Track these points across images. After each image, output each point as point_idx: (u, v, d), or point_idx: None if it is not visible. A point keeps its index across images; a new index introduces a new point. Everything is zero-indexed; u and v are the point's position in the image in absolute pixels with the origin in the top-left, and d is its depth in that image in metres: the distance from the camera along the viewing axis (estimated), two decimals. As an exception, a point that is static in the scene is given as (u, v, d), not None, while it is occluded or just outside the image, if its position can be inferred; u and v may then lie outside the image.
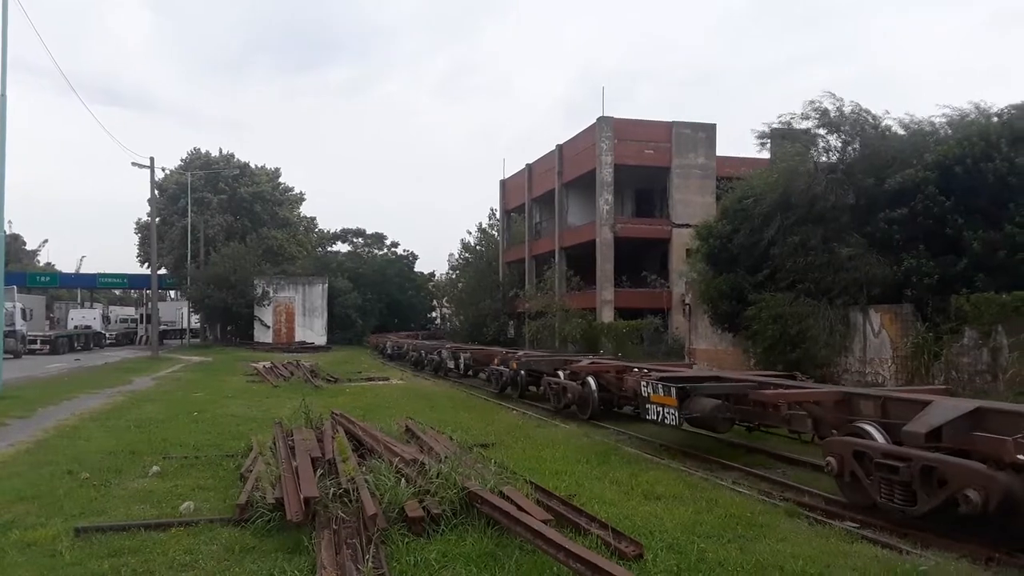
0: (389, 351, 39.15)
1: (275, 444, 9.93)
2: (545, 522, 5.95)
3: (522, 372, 18.74)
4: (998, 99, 20.21)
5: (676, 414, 10.30)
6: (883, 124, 19.14)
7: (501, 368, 19.59)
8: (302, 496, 6.60)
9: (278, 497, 6.86)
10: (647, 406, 11.01)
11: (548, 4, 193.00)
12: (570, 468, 9.47)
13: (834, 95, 19.50)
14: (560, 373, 16.09)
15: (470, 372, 24.46)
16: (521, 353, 21.02)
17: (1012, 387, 13.87)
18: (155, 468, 9.23)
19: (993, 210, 15.72)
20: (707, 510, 7.48)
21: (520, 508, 6.26)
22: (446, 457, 7.95)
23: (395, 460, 7.94)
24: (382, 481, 6.99)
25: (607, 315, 33.58)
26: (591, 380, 14.58)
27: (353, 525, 6.32)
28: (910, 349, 16.71)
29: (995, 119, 16.85)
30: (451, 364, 25.82)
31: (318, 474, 7.43)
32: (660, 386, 10.71)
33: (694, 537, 6.51)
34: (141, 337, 58.52)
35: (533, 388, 18.77)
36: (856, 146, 19.23)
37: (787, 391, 9.63)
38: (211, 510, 7.31)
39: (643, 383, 11.22)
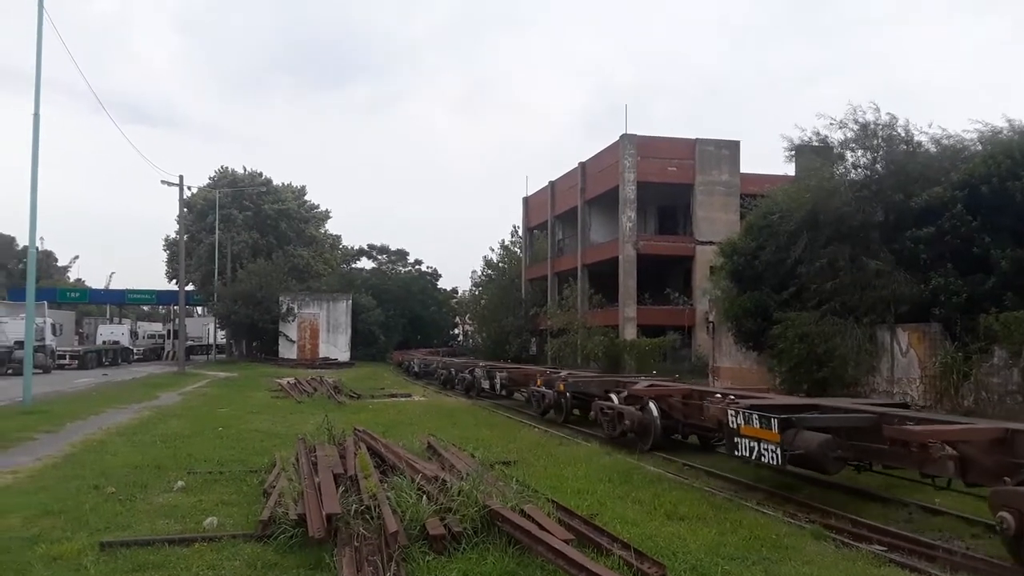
0: (416, 369, 37.83)
1: (298, 460, 9.98)
2: (567, 541, 5.91)
3: (568, 394, 17.08)
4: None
5: (777, 451, 8.59)
6: (915, 139, 18.93)
7: (543, 390, 18.19)
8: (324, 512, 6.62)
9: (300, 513, 6.89)
10: (736, 439, 9.41)
11: (566, 20, 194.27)
12: (592, 487, 9.41)
13: (875, 105, 19.30)
14: (613, 396, 14.47)
15: (504, 392, 23.07)
16: (566, 373, 19.28)
17: (1043, 408, 13.58)
18: (180, 483, 9.31)
19: (1021, 228, 15.49)
20: (731, 531, 7.39)
21: (541, 527, 6.22)
22: (467, 475, 7.93)
23: (417, 477, 7.95)
24: (403, 498, 6.98)
25: (629, 332, 33.44)
26: (652, 405, 12.93)
27: (375, 542, 6.32)
28: (939, 369, 16.44)
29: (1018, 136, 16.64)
30: (485, 384, 24.35)
31: (340, 490, 7.45)
32: (755, 417, 9.06)
33: (718, 559, 6.43)
34: (168, 352, 59.22)
35: (578, 412, 17.41)
36: (885, 162, 19.03)
37: (939, 427, 7.84)
38: (234, 526, 7.35)
39: (731, 412, 9.64)
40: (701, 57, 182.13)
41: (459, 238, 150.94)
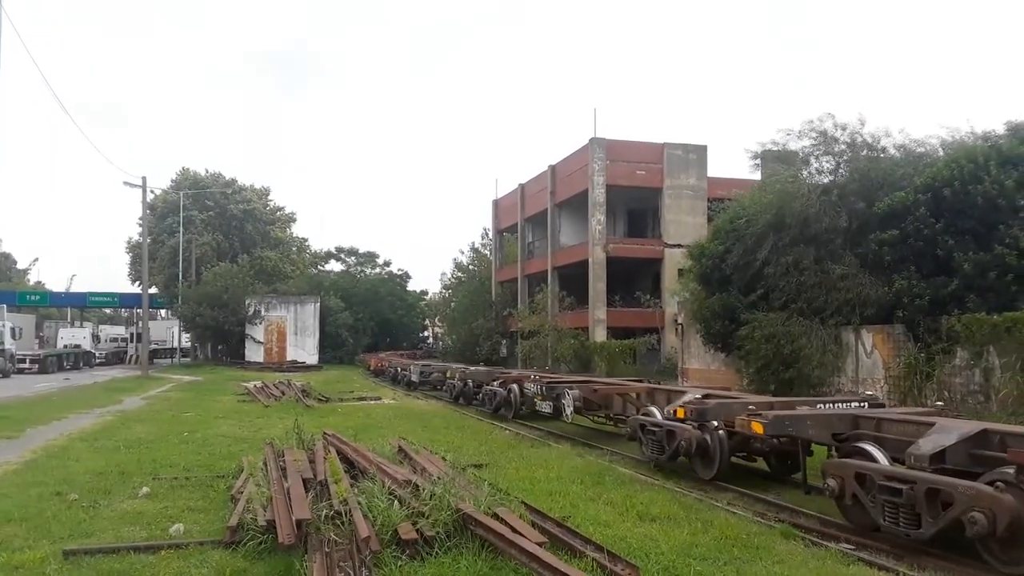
0: (415, 379, 29.14)
1: (266, 465, 9.85)
2: (540, 544, 5.90)
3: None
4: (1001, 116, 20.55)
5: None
6: (879, 144, 19.33)
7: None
8: (294, 518, 6.53)
9: (269, 519, 6.79)
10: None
11: (538, 23, 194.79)
12: (564, 489, 9.42)
13: (832, 115, 19.76)
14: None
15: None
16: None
17: (1004, 407, 13.90)
18: (145, 489, 9.13)
19: (982, 232, 15.84)
20: (702, 532, 7.44)
21: (515, 530, 6.20)
22: (439, 478, 7.89)
23: (388, 481, 7.88)
24: (375, 503, 6.92)
25: (600, 334, 33.58)
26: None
27: (346, 548, 6.25)
28: (902, 369, 16.76)
29: (984, 141, 17.04)
30: (547, 408, 16.34)
31: (310, 496, 7.37)
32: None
33: (690, 559, 6.46)
34: (131, 356, 58.13)
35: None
36: (848, 168, 19.39)
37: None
38: (201, 532, 7.22)
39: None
40: (670, 60, 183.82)
41: (428, 240, 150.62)
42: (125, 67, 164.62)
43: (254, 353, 50.85)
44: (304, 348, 51.69)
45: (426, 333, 75.31)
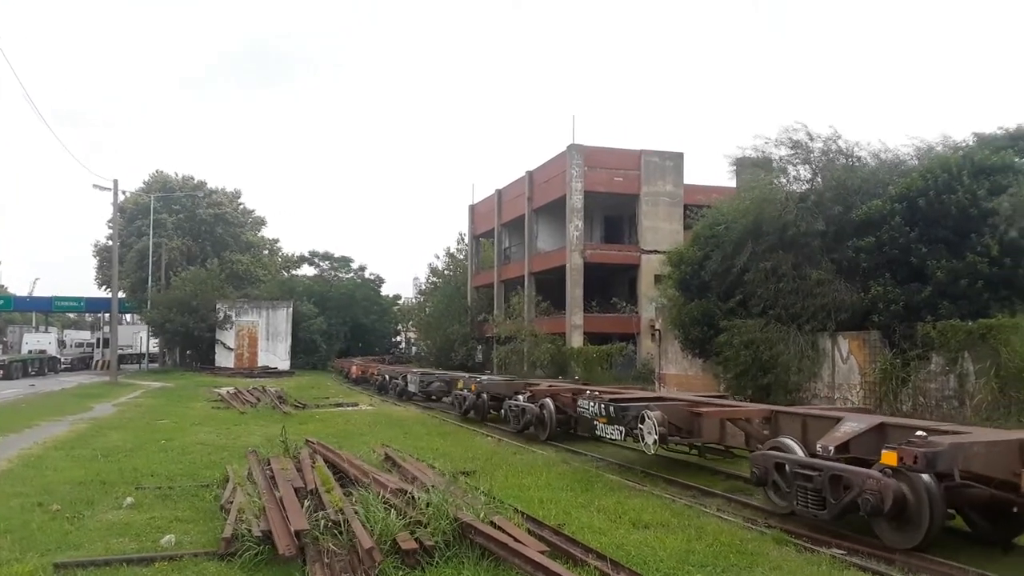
0: (414, 389, 25.86)
1: (252, 474, 9.73)
2: (542, 553, 5.90)
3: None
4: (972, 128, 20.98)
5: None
6: (854, 153, 19.65)
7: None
8: (292, 529, 6.45)
9: (264, 529, 6.70)
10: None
11: (514, 27, 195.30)
12: (555, 496, 9.41)
13: (806, 125, 20.05)
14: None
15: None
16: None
17: (978, 412, 14.18)
18: (129, 499, 8.95)
19: (955, 240, 16.15)
20: (697, 538, 7.48)
21: (516, 539, 6.19)
22: (434, 487, 7.85)
23: (382, 491, 7.82)
24: (372, 512, 6.86)
25: (576, 340, 33.68)
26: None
27: (345, 558, 6.20)
28: (878, 375, 17.00)
29: (955, 151, 17.41)
30: (615, 434, 11.75)
31: (305, 505, 7.28)
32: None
33: (689, 567, 6.50)
34: (97, 362, 57.09)
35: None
36: (824, 177, 19.68)
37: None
38: (193, 543, 7.10)
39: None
40: (647, 69, 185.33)
41: (402, 245, 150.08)
42: (92, 68, 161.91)
43: (224, 359, 50.23)
44: (276, 353, 51.17)
45: (399, 338, 74.91)
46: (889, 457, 7.10)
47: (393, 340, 73.32)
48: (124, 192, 47.62)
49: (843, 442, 8.14)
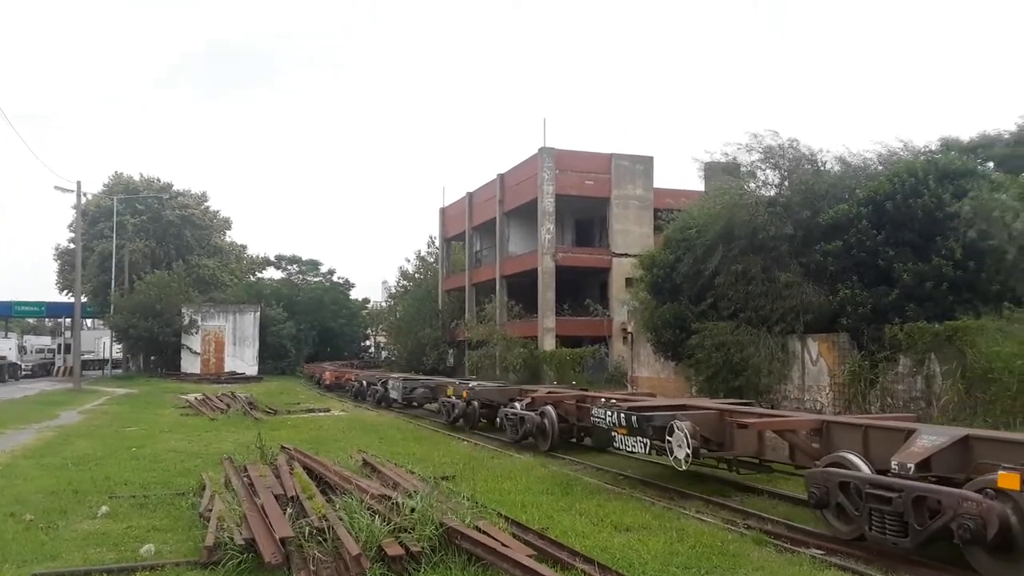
0: (396, 396, 24.70)
1: (230, 481, 9.62)
2: (530, 557, 5.92)
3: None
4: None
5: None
6: (819, 158, 20.01)
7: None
8: (277, 536, 6.39)
9: (248, 537, 6.64)
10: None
11: (485, 30, 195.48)
12: (535, 500, 9.45)
13: (776, 132, 20.36)
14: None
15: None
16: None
17: (945, 413, 14.49)
18: (104, 509, 8.79)
19: (921, 243, 16.50)
20: (678, 540, 7.56)
21: (503, 544, 6.21)
22: (415, 492, 7.83)
23: (365, 497, 7.78)
24: (356, 519, 6.83)
25: (549, 343, 33.76)
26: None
27: (331, 565, 6.16)
28: (847, 376, 17.31)
29: (919, 156, 17.82)
30: (637, 447, 10.61)
31: (288, 513, 7.22)
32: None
33: (674, 568, 6.57)
34: (59, 368, 55.84)
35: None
36: (792, 181, 20.00)
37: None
38: (173, 552, 7.01)
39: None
40: (617, 72, 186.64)
41: (371, 248, 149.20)
42: (53, 68, 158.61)
43: (190, 364, 49.47)
44: (243, 359, 50.53)
45: (368, 343, 74.36)
46: (1010, 480, 6.03)
47: (362, 344, 72.78)
48: (86, 195, 46.68)
49: (924, 458, 7.04)
